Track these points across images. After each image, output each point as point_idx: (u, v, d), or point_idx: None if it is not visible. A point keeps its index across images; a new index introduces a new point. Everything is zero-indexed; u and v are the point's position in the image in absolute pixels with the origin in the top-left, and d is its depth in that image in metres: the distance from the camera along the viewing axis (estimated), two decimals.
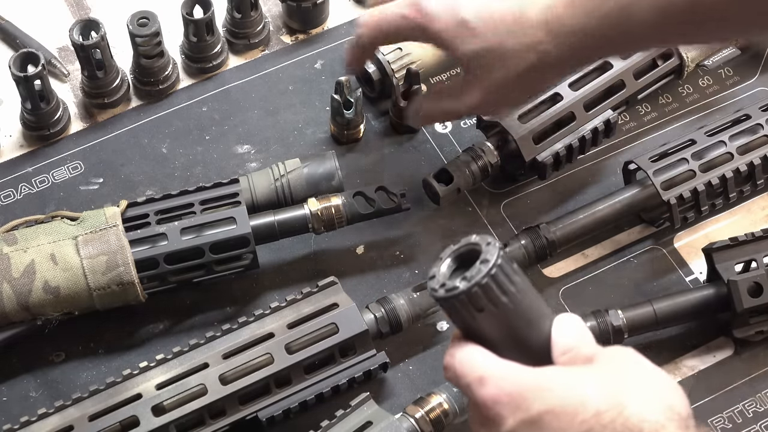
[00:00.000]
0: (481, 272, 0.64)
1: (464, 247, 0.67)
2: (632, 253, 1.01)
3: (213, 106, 1.10)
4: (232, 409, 0.87)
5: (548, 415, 0.61)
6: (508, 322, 0.66)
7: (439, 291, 0.66)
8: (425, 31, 0.85)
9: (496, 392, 0.63)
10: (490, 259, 0.64)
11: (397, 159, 1.07)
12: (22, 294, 0.90)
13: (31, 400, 0.94)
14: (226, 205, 0.95)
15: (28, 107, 1.05)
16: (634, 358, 0.66)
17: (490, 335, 0.66)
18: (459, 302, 0.65)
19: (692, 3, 0.75)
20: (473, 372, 0.65)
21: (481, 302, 0.65)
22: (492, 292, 0.64)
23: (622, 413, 0.60)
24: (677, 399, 0.63)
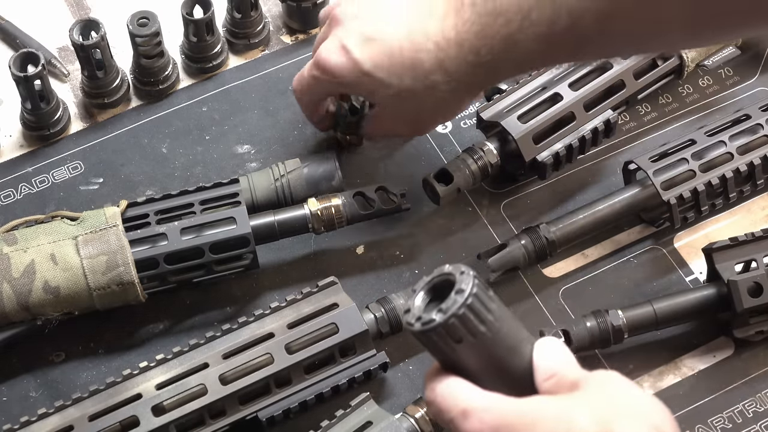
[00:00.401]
0: (457, 302, 0.62)
1: (438, 277, 0.66)
2: (632, 253, 1.01)
3: (213, 106, 1.10)
4: (232, 409, 0.87)
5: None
6: (487, 351, 0.64)
7: (415, 325, 0.64)
8: (340, 86, 0.91)
9: (481, 426, 0.62)
10: (465, 288, 0.63)
11: (397, 159, 1.07)
12: (22, 294, 0.90)
13: (31, 400, 0.94)
14: (226, 205, 0.95)
15: (28, 107, 1.05)
16: (620, 382, 0.64)
17: (470, 366, 0.65)
18: (436, 335, 0.63)
19: (571, 27, 0.76)
20: (456, 406, 0.63)
21: (459, 333, 0.63)
22: (469, 322, 0.63)
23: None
24: (665, 422, 0.62)
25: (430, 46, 0.84)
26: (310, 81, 0.93)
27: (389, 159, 1.07)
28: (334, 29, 0.90)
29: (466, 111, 1.10)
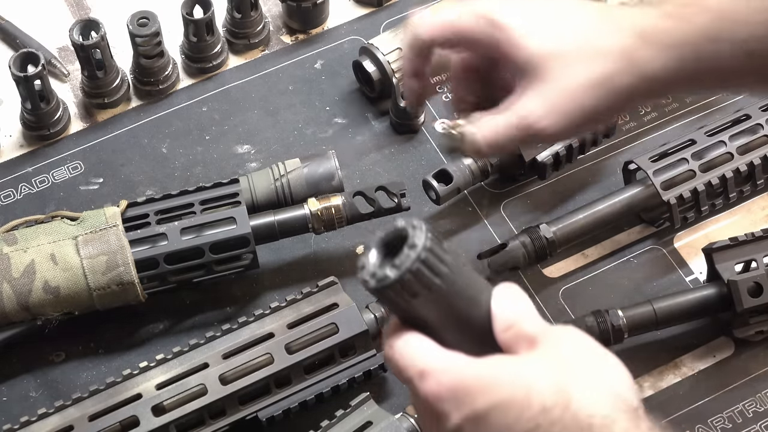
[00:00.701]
0: (410, 257, 0.61)
1: (391, 233, 0.64)
2: (632, 253, 1.01)
3: (213, 106, 1.10)
4: (232, 409, 0.87)
5: (494, 410, 0.59)
6: (444, 304, 0.63)
7: (370, 282, 0.62)
8: (493, 25, 0.74)
9: (437, 388, 0.60)
10: (418, 243, 0.61)
11: (397, 159, 1.07)
12: (22, 294, 0.90)
13: (31, 400, 0.94)
14: (226, 205, 0.95)
15: (28, 107, 1.05)
16: (579, 340, 0.63)
17: (428, 320, 0.64)
18: (392, 291, 0.62)
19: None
20: (414, 366, 0.62)
21: (414, 288, 0.62)
22: (423, 276, 0.61)
23: (569, 407, 0.58)
24: (625, 387, 0.61)
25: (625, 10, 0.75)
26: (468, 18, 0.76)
27: (389, 159, 1.07)
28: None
29: None
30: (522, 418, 0.58)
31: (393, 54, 1.06)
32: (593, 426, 0.57)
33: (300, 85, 1.11)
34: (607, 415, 0.58)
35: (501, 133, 0.74)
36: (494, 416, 0.59)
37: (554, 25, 0.74)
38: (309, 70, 1.12)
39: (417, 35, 0.78)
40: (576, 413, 0.58)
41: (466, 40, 0.77)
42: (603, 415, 0.58)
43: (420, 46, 0.78)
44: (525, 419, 0.58)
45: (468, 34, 0.76)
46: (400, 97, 1.04)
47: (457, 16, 0.76)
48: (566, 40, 0.73)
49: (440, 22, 0.77)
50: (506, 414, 0.58)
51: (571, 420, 0.58)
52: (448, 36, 0.77)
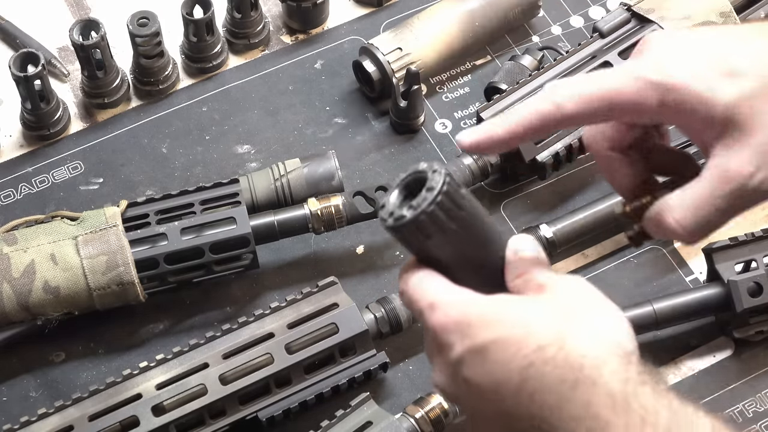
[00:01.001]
0: (427, 200, 0.63)
1: (411, 175, 0.67)
2: (632, 253, 1.01)
3: (213, 106, 1.10)
4: (232, 409, 0.87)
5: (494, 345, 0.61)
6: (458, 246, 0.65)
7: (387, 220, 0.65)
8: (661, 88, 0.63)
9: (445, 319, 0.63)
10: (435, 186, 0.64)
11: (397, 159, 1.07)
12: (22, 294, 0.90)
13: (31, 400, 0.94)
14: (226, 205, 0.95)
15: (28, 107, 1.05)
16: (583, 289, 0.64)
17: (442, 260, 0.66)
18: (407, 230, 0.64)
19: None
20: (424, 298, 0.65)
21: (429, 229, 0.64)
22: (439, 219, 0.64)
23: (563, 348, 0.59)
24: (621, 333, 0.62)
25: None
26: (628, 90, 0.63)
27: (389, 159, 1.07)
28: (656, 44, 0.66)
29: (466, 111, 1.10)
30: (518, 354, 0.60)
31: (393, 54, 1.06)
32: (584, 366, 0.59)
33: (300, 85, 1.11)
34: (598, 356, 0.59)
35: (703, 207, 0.63)
36: (493, 350, 0.61)
37: (734, 61, 0.63)
38: (309, 70, 1.12)
39: (559, 107, 0.64)
40: (569, 353, 0.59)
41: (624, 112, 0.65)
42: (594, 356, 0.59)
43: (558, 120, 0.65)
44: (521, 356, 0.60)
45: (628, 105, 0.64)
46: (399, 97, 1.04)
47: (612, 83, 0.63)
48: (755, 73, 0.62)
49: (590, 92, 0.64)
50: (505, 349, 0.61)
51: (563, 359, 0.59)
52: (601, 109, 0.64)
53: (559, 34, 1.15)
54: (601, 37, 1.04)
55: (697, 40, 0.65)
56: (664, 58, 0.64)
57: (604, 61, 1.02)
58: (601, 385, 0.58)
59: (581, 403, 0.58)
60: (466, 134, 0.66)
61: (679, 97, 0.62)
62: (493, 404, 0.62)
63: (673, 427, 0.56)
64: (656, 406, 0.57)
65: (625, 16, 1.04)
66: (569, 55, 1.04)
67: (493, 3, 1.10)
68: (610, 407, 0.57)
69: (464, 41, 1.09)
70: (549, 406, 0.59)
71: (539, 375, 0.59)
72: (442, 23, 1.08)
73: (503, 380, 0.60)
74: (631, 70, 0.64)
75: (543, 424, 0.59)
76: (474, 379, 0.62)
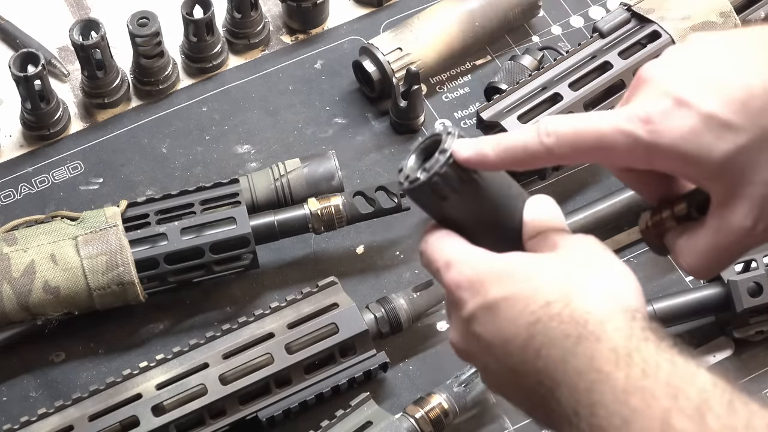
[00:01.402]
0: (439, 162, 0.64)
1: (429, 139, 0.67)
2: (632, 253, 1.01)
3: (213, 106, 1.10)
4: (232, 409, 0.87)
5: (504, 301, 0.62)
6: (474, 207, 0.66)
7: (404, 183, 0.66)
8: (651, 149, 0.62)
9: (459, 277, 0.64)
10: (448, 149, 0.64)
11: (397, 159, 1.07)
12: (22, 294, 0.90)
13: (31, 400, 0.94)
14: (226, 205, 0.95)
15: (28, 107, 1.05)
16: (594, 248, 0.65)
17: (459, 221, 0.67)
18: (422, 192, 0.65)
19: None
20: (441, 258, 0.66)
21: (442, 191, 0.65)
22: (452, 180, 0.64)
23: (569, 304, 0.60)
24: (628, 291, 0.63)
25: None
26: (612, 134, 0.62)
27: (389, 159, 1.07)
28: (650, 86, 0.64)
29: (466, 111, 1.10)
30: (526, 310, 0.61)
31: (393, 54, 1.06)
32: (588, 321, 0.59)
33: (300, 85, 1.11)
34: (602, 313, 0.60)
35: (709, 255, 0.65)
36: (503, 306, 0.62)
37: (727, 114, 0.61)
38: (309, 70, 1.12)
39: (548, 151, 0.64)
40: (574, 309, 0.60)
41: (615, 164, 0.68)
42: (599, 313, 0.60)
43: (546, 161, 0.65)
44: (528, 312, 0.61)
45: (619, 160, 0.65)
46: (399, 97, 1.04)
47: (603, 137, 0.62)
48: (749, 124, 0.61)
49: (581, 142, 0.63)
50: (514, 305, 0.62)
51: (568, 315, 0.60)
52: (591, 158, 0.65)
53: (559, 34, 1.15)
54: (601, 37, 1.04)
55: (692, 79, 0.63)
56: (655, 109, 0.62)
57: (604, 61, 1.02)
58: (605, 341, 0.58)
59: (585, 357, 0.58)
60: (463, 146, 0.65)
61: (669, 158, 0.62)
62: (502, 360, 0.62)
63: (674, 379, 0.56)
64: (658, 359, 0.57)
65: (625, 16, 1.04)
66: (569, 55, 1.04)
67: (493, 3, 1.10)
68: (613, 362, 0.58)
69: (464, 41, 1.09)
70: (553, 360, 0.59)
71: (545, 330, 0.60)
72: (442, 23, 1.08)
73: (511, 336, 0.61)
74: (622, 126, 0.62)
75: (546, 380, 0.60)
76: (484, 336, 0.63)
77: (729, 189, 0.63)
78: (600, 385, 0.58)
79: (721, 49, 0.65)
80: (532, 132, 0.64)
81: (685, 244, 0.67)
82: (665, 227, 0.69)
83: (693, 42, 0.67)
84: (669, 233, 0.69)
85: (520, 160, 0.65)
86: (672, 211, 0.68)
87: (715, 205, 0.64)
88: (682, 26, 1.02)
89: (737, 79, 0.62)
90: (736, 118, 0.61)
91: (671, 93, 0.62)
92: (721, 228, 0.64)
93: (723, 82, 0.62)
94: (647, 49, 1.02)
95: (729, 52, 0.64)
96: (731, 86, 0.61)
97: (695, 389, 0.56)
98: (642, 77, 0.65)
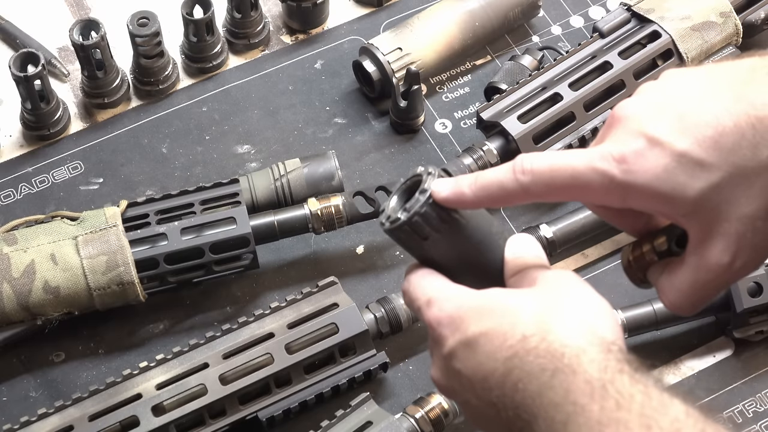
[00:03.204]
0: (419, 201, 0.65)
1: (410, 179, 0.68)
2: None
3: (213, 106, 1.10)
4: (232, 409, 0.87)
5: (482, 337, 0.63)
6: (455, 246, 0.67)
7: (385, 224, 0.67)
8: (626, 188, 0.62)
9: (439, 314, 0.65)
10: (428, 189, 0.65)
11: (397, 159, 1.07)
12: (22, 294, 0.90)
13: (31, 400, 0.94)
14: (226, 205, 0.95)
15: (28, 107, 1.05)
16: (571, 283, 0.65)
17: (440, 260, 0.67)
18: (402, 232, 0.66)
19: None
20: (423, 296, 0.67)
21: (423, 231, 0.65)
22: (432, 220, 0.65)
23: (546, 338, 0.61)
24: (604, 324, 0.63)
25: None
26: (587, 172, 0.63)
27: (389, 159, 1.07)
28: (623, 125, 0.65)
29: (466, 111, 1.10)
30: (504, 345, 0.62)
31: (393, 54, 1.06)
32: (564, 355, 0.60)
33: (300, 85, 1.11)
34: (578, 346, 0.60)
35: (690, 292, 0.66)
36: (482, 342, 0.63)
37: (700, 153, 0.62)
38: (309, 70, 1.12)
39: (524, 189, 0.65)
40: (551, 343, 0.61)
41: (590, 202, 0.70)
42: (575, 346, 0.60)
43: (522, 198, 0.66)
44: (506, 346, 0.62)
45: (594, 199, 0.66)
46: (399, 97, 1.04)
47: (578, 176, 0.63)
48: (723, 162, 0.61)
49: (557, 181, 0.64)
50: (492, 340, 0.62)
51: (545, 349, 0.60)
52: (566, 196, 0.66)
53: (559, 34, 1.15)
54: (601, 37, 1.04)
55: (665, 117, 0.63)
56: (628, 149, 0.63)
57: (604, 61, 1.02)
58: (580, 373, 0.59)
59: (561, 390, 0.59)
60: (442, 185, 0.65)
61: (644, 197, 0.63)
62: (481, 395, 0.63)
63: (647, 410, 0.57)
64: (631, 391, 0.58)
65: (625, 16, 1.04)
66: (569, 55, 1.04)
67: (493, 3, 1.10)
68: (588, 394, 0.58)
69: (464, 41, 1.09)
70: (530, 394, 0.60)
71: (521, 364, 0.61)
72: (442, 23, 1.08)
73: (490, 371, 0.62)
74: (596, 165, 0.63)
75: (524, 413, 0.60)
76: (464, 372, 0.63)
77: (705, 226, 0.63)
78: (575, 417, 0.58)
79: (693, 86, 0.65)
80: (508, 170, 0.65)
81: (666, 282, 0.68)
82: (647, 261, 0.69)
83: (667, 79, 0.67)
84: (651, 268, 0.69)
85: (496, 198, 0.65)
86: (652, 246, 0.69)
87: (692, 242, 0.65)
88: (682, 26, 1.02)
89: (709, 116, 0.62)
90: (708, 156, 0.61)
91: (644, 132, 0.63)
92: (700, 265, 0.65)
93: (695, 120, 0.62)
94: (647, 49, 1.02)
95: (701, 90, 0.65)
96: (703, 124, 0.62)
97: (668, 419, 0.57)
98: (616, 116, 0.66)
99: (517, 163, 0.65)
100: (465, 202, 0.65)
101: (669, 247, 0.68)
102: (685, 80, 0.66)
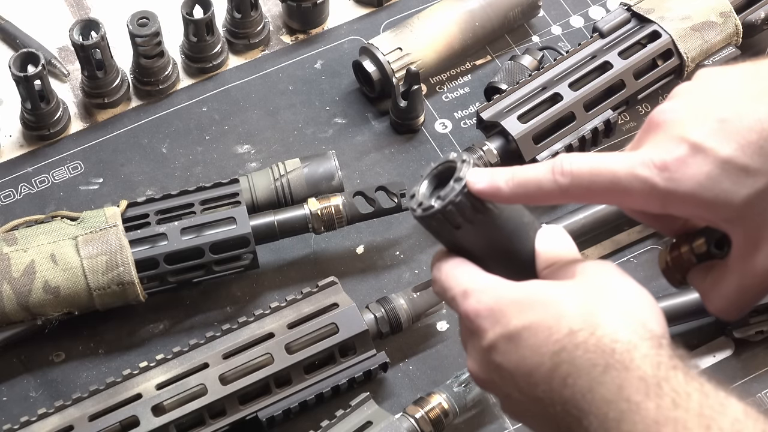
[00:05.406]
0: (454, 190, 0.64)
1: (442, 165, 0.67)
2: (632, 253, 1.01)
3: (213, 106, 1.10)
4: (232, 409, 0.87)
5: (526, 331, 0.61)
6: (487, 236, 0.66)
7: (417, 210, 0.66)
8: (667, 196, 0.62)
9: (477, 306, 0.64)
10: (463, 177, 0.64)
11: (397, 159, 1.07)
12: (22, 294, 0.90)
13: (31, 400, 0.94)
14: (226, 205, 0.95)
15: (28, 107, 1.05)
16: (613, 274, 0.65)
17: (472, 249, 0.67)
18: (435, 221, 0.65)
19: None
20: (458, 285, 0.66)
21: (456, 220, 0.65)
22: (466, 209, 0.64)
23: (595, 333, 0.60)
24: (652, 317, 0.62)
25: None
26: (628, 179, 0.62)
27: (389, 159, 1.07)
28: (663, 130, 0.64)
29: (466, 111, 1.10)
30: (550, 339, 0.61)
31: (393, 54, 1.06)
32: (615, 351, 0.59)
33: (300, 85, 1.11)
34: (629, 341, 0.59)
35: (736, 297, 0.66)
36: (525, 336, 0.61)
37: (745, 158, 0.61)
38: (309, 70, 1.12)
39: (563, 191, 0.63)
40: (600, 338, 0.60)
41: (630, 208, 0.68)
42: (626, 341, 0.59)
43: (559, 200, 0.65)
44: (552, 341, 0.60)
45: (634, 205, 0.66)
46: (399, 97, 1.04)
47: (619, 182, 0.62)
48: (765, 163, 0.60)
49: (597, 185, 0.63)
50: (536, 334, 0.61)
51: (594, 344, 0.59)
52: (605, 201, 0.67)
53: (559, 34, 1.15)
54: (601, 37, 1.04)
55: (706, 122, 0.62)
56: (670, 156, 0.62)
57: (604, 61, 1.02)
58: (633, 370, 0.58)
59: (613, 386, 0.58)
60: (477, 176, 0.64)
61: (687, 205, 0.62)
62: (525, 390, 0.62)
63: (705, 409, 0.56)
64: (687, 389, 0.57)
65: (625, 16, 1.04)
66: (569, 55, 1.04)
67: (493, 3, 1.10)
68: (643, 391, 0.57)
69: (464, 41, 1.09)
70: (580, 389, 0.59)
71: (570, 359, 0.60)
72: (442, 23, 1.08)
73: (535, 365, 0.61)
74: (637, 172, 0.62)
75: (574, 409, 0.59)
76: (506, 366, 0.62)
77: (751, 232, 0.63)
78: (631, 415, 0.57)
79: (732, 88, 0.64)
80: (548, 170, 0.64)
81: (711, 289, 0.67)
82: (685, 263, 0.69)
83: (704, 80, 0.66)
84: (691, 273, 0.69)
85: (532, 197, 0.65)
86: (690, 247, 0.68)
87: (737, 248, 0.64)
88: (682, 26, 1.02)
89: (751, 120, 0.61)
90: (752, 161, 0.61)
91: (686, 138, 0.62)
92: (747, 271, 0.64)
93: (737, 124, 0.61)
94: (647, 49, 1.02)
95: (741, 91, 0.64)
96: (746, 128, 0.61)
97: (728, 420, 0.56)
98: (654, 120, 0.65)
99: (557, 163, 0.64)
100: (500, 197, 0.65)
101: (708, 249, 0.68)
102: (723, 81, 0.65)
